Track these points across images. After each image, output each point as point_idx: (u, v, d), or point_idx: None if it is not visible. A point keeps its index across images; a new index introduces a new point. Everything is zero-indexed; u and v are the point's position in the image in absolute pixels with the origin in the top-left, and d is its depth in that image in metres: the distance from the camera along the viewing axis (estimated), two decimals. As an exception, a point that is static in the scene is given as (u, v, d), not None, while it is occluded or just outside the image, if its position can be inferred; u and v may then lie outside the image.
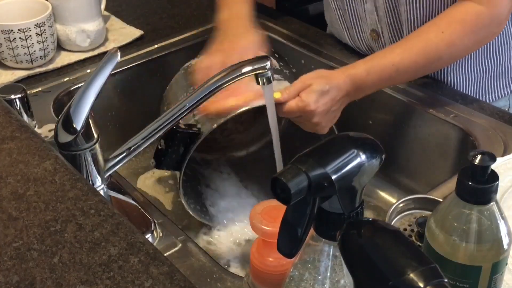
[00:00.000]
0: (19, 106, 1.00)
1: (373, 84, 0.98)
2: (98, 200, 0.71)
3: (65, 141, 0.84)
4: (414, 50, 0.98)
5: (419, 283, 0.43)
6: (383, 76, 0.98)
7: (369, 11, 1.14)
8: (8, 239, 0.66)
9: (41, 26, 1.16)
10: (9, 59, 1.18)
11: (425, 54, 0.98)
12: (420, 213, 0.83)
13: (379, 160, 0.53)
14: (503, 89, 1.17)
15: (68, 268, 0.62)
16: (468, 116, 1.05)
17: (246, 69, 0.85)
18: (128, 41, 1.30)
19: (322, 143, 0.53)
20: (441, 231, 0.62)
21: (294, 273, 0.58)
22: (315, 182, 0.49)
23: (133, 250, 0.65)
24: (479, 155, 0.59)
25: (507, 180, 0.86)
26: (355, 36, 1.22)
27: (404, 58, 0.98)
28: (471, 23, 0.97)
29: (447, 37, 0.97)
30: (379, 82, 0.99)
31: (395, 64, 0.97)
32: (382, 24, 1.14)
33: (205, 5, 1.45)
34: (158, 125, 0.86)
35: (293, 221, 0.53)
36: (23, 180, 0.74)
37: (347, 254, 0.49)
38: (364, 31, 1.19)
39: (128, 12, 1.42)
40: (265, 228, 0.66)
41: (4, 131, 0.82)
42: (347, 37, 1.23)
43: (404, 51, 0.98)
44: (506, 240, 0.62)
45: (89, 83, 0.83)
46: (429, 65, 1.00)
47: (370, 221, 0.50)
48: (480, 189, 0.59)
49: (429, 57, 0.98)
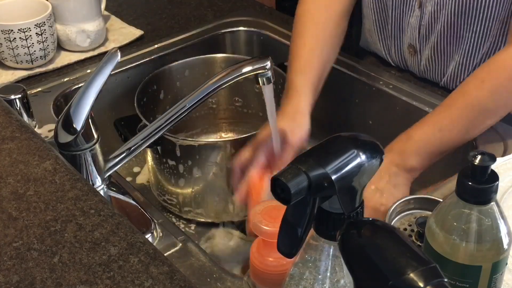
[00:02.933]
0: (19, 106, 1.00)
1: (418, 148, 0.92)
2: (98, 200, 0.71)
3: (65, 141, 0.84)
4: (455, 109, 0.92)
5: (419, 283, 0.43)
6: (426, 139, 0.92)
7: (412, 26, 1.11)
8: (8, 239, 0.66)
9: (41, 26, 1.16)
10: (9, 59, 1.18)
11: (467, 108, 0.92)
12: (420, 213, 0.83)
13: (379, 160, 0.53)
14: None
15: (68, 268, 0.62)
16: (468, 116, 1.05)
17: (247, 69, 0.85)
18: (128, 41, 1.30)
19: (322, 143, 0.53)
20: (441, 231, 0.62)
21: (295, 272, 0.58)
22: (315, 182, 0.49)
23: (133, 250, 0.65)
24: (479, 155, 0.59)
25: (507, 180, 0.86)
26: (391, 49, 1.18)
27: (446, 121, 0.92)
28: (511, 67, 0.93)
29: (488, 86, 0.92)
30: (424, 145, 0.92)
31: (436, 124, 0.92)
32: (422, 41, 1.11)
33: (205, 5, 1.45)
34: (158, 125, 0.86)
35: (293, 221, 0.53)
36: (23, 180, 0.74)
37: (347, 254, 0.49)
38: (402, 44, 1.15)
39: (128, 12, 1.42)
40: (265, 228, 0.66)
41: (4, 131, 0.82)
42: (382, 47, 1.20)
43: (445, 114, 0.93)
44: (506, 240, 0.62)
45: (89, 83, 0.83)
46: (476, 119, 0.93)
47: (370, 221, 0.50)
48: (480, 189, 0.59)
49: (473, 109, 0.92)
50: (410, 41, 1.13)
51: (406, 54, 1.16)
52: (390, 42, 1.18)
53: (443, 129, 0.92)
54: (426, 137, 0.92)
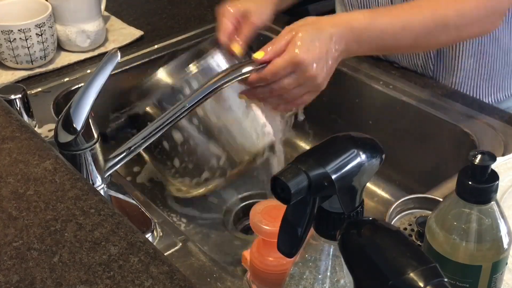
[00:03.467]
0: (19, 106, 1.00)
1: (375, 38, 0.89)
2: (98, 199, 0.71)
3: (65, 141, 0.84)
4: (423, 10, 0.91)
5: (419, 282, 0.43)
6: (386, 31, 0.89)
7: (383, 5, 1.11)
8: (8, 238, 0.66)
9: (41, 26, 1.16)
10: (9, 59, 1.18)
11: (433, 17, 0.91)
12: (420, 212, 0.83)
13: (379, 160, 0.53)
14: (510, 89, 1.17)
15: (68, 268, 0.62)
16: (468, 116, 1.05)
17: (246, 69, 0.85)
18: (128, 41, 1.30)
19: (322, 143, 0.53)
20: (441, 231, 0.62)
21: (295, 271, 0.58)
22: (315, 181, 0.49)
23: (133, 249, 0.65)
24: (479, 155, 0.59)
25: (507, 180, 0.86)
26: None
27: (412, 15, 0.90)
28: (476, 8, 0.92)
29: (458, 5, 0.92)
30: (381, 36, 0.90)
31: (402, 20, 0.90)
32: None
33: (205, 5, 1.45)
34: (158, 124, 0.86)
35: (293, 221, 0.53)
36: (23, 180, 0.74)
37: (347, 254, 0.49)
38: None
39: (128, 12, 1.42)
40: (265, 227, 0.66)
41: (4, 131, 0.82)
42: None
43: (412, 8, 0.91)
44: (506, 240, 0.62)
45: (89, 83, 0.83)
46: (434, 31, 0.92)
47: (370, 221, 0.50)
48: (480, 188, 0.59)
49: (436, 22, 0.91)
50: None
51: None
52: None
53: (406, 28, 0.90)
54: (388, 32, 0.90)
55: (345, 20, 0.88)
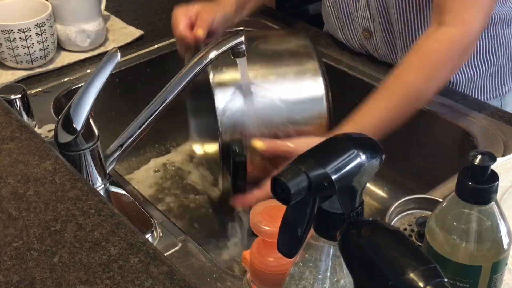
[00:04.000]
0: (19, 106, 1.00)
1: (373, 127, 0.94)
2: (98, 200, 0.71)
3: (65, 141, 0.84)
4: (396, 98, 0.96)
5: (419, 283, 0.43)
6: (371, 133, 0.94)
7: (361, 10, 1.15)
8: (8, 239, 0.66)
9: (41, 26, 1.16)
10: (9, 59, 1.18)
11: (405, 100, 0.96)
12: (420, 213, 0.83)
13: (379, 160, 0.53)
14: (496, 90, 1.18)
15: (68, 268, 0.62)
16: (468, 116, 1.05)
17: (225, 47, 0.90)
18: (128, 41, 1.30)
19: (322, 143, 0.53)
20: (441, 231, 0.62)
21: (295, 272, 0.58)
22: (315, 182, 0.49)
23: (133, 250, 0.65)
24: (479, 155, 0.59)
25: (507, 180, 0.86)
26: (348, 34, 1.22)
27: (389, 109, 0.95)
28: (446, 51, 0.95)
29: (425, 73, 0.95)
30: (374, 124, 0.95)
31: (383, 119, 0.95)
32: (374, 24, 1.15)
33: (205, 5, 1.45)
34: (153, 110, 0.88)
35: (293, 221, 0.53)
36: (23, 180, 0.74)
37: (347, 254, 0.49)
38: (356, 29, 1.19)
39: (128, 12, 1.42)
40: (265, 228, 0.66)
41: (4, 131, 0.82)
42: (341, 35, 1.24)
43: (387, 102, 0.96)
44: (506, 240, 0.62)
45: (89, 83, 0.83)
46: (410, 108, 0.97)
47: (370, 221, 0.50)
48: (480, 189, 0.59)
49: (410, 101, 0.96)
50: (364, 25, 1.17)
51: (362, 38, 1.19)
52: (346, 29, 1.21)
53: (384, 120, 0.95)
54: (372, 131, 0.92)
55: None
